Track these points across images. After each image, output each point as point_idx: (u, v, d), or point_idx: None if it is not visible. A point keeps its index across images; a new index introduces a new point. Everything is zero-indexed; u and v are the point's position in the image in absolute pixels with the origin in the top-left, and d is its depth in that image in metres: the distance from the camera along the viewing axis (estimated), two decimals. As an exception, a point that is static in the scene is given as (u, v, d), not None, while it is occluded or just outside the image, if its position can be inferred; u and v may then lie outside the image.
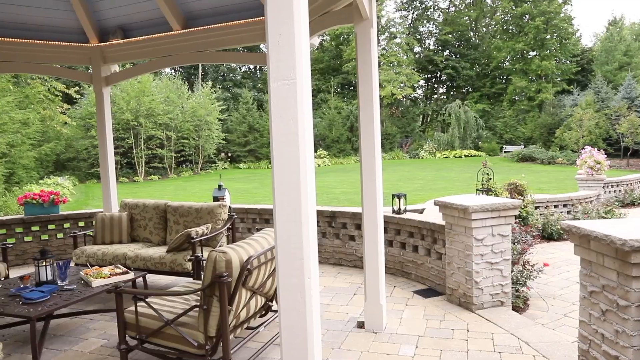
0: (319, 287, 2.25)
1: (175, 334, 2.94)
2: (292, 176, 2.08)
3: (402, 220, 5.40)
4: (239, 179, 23.70)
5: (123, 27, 6.43)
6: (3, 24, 6.11)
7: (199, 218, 5.65)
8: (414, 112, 42.15)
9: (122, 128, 26.85)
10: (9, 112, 15.13)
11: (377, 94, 3.95)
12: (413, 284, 5.25)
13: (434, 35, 45.92)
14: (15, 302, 3.65)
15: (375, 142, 3.92)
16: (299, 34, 2.04)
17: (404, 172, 23.66)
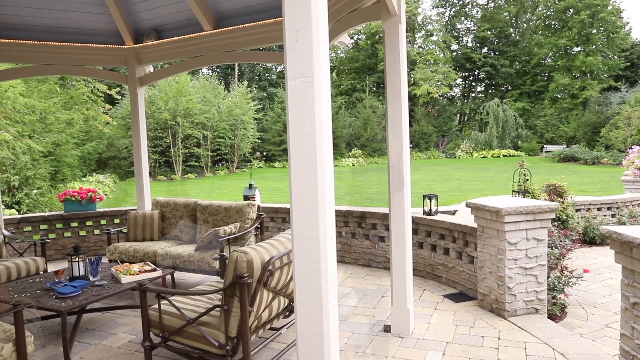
0: (337, 291, 2.18)
1: (197, 333, 2.95)
2: (309, 177, 2.02)
3: (432, 221, 5.25)
4: (273, 178, 23.89)
5: (157, 29, 6.56)
6: (46, 28, 6.34)
7: (227, 217, 5.69)
8: (451, 110, 41.28)
9: (160, 127, 27.55)
10: (55, 113, 15.78)
11: (405, 92, 3.84)
12: (443, 287, 5.10)
13: (472, 32, 44.83)
14: (49, 295, 3.77)
15: (404, 141, 3.82)
16: (316, 30, 1.98)
17: (439, 172, 23.20)
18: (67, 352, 3.52)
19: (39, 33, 6.34)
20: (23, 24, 6.24)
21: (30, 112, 13.29)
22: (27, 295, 3.79)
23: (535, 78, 41.61)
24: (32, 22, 6.24)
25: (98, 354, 3.68)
